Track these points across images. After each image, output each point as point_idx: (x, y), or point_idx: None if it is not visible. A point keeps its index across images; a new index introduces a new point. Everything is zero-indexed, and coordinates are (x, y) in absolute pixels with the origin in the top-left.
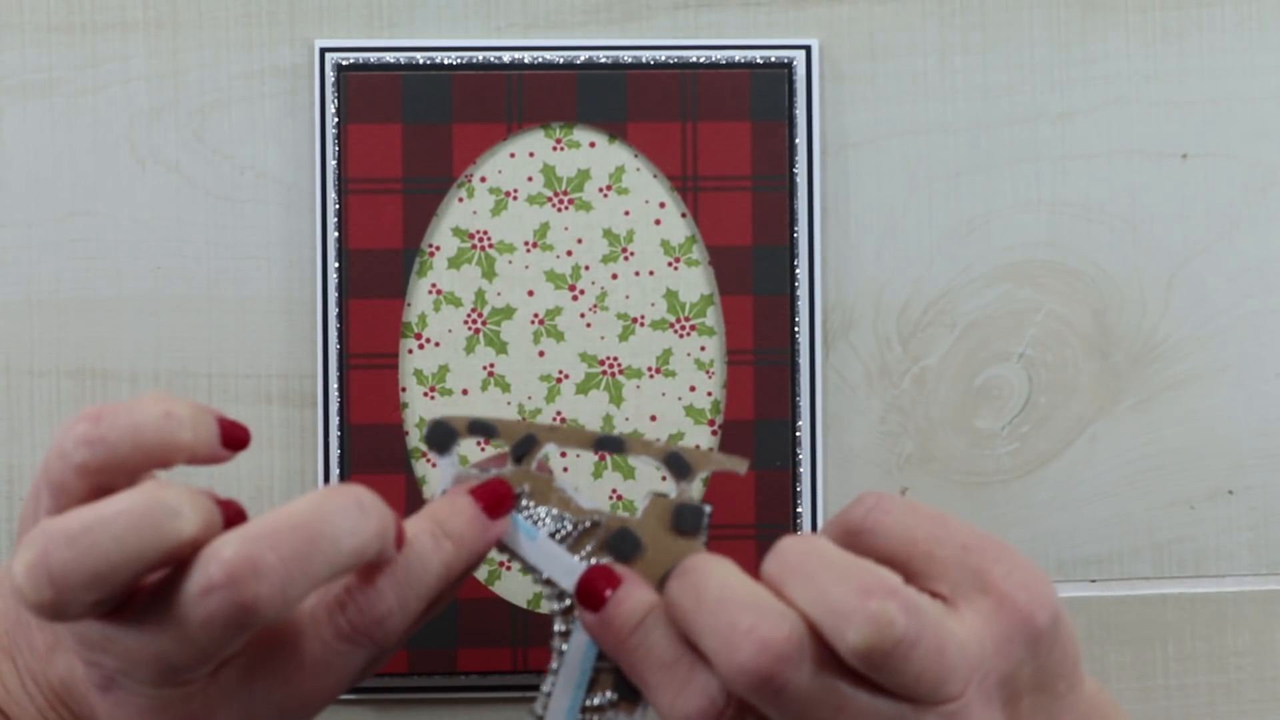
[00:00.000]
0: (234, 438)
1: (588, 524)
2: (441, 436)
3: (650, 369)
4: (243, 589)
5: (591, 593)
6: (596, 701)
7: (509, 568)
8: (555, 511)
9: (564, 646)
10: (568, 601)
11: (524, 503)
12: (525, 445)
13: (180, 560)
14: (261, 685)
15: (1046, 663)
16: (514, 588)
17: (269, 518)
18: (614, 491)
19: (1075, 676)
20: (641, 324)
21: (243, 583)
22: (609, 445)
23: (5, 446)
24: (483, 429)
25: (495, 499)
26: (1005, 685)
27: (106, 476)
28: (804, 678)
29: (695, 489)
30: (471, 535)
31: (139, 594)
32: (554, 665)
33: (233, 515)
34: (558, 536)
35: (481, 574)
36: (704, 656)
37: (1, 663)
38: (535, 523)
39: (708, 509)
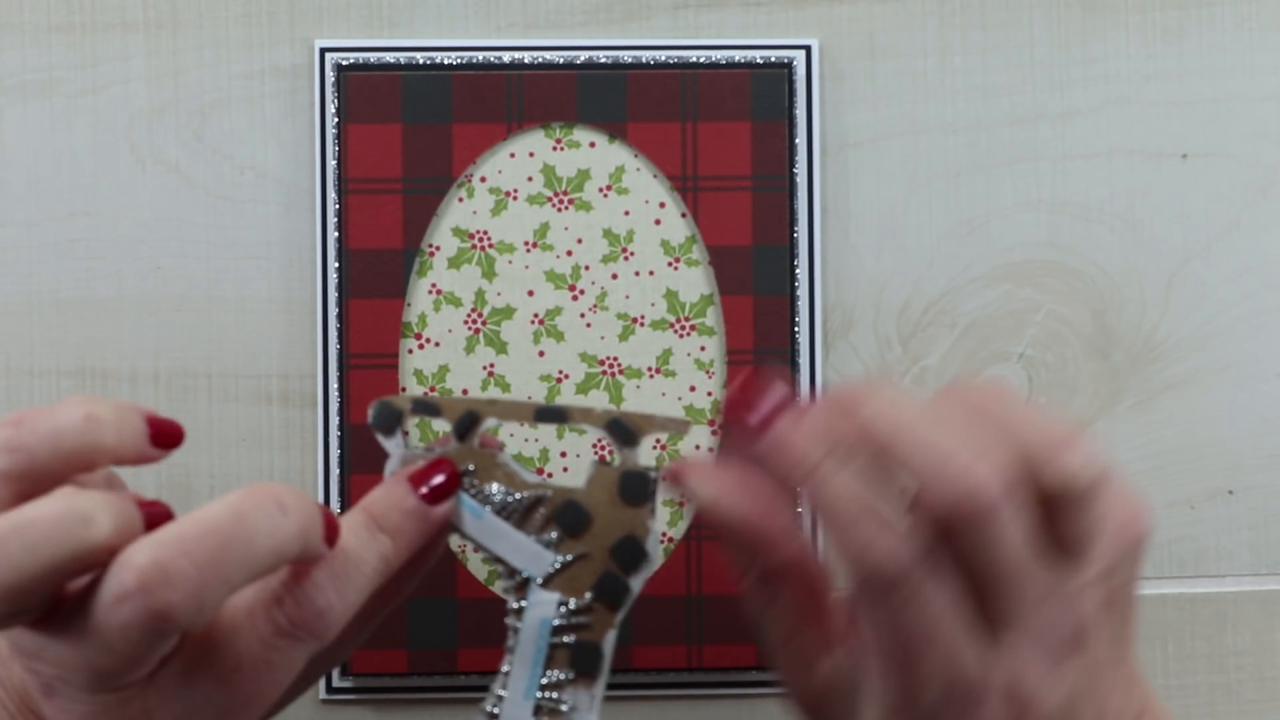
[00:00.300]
0: (164, 436)
1: (533, 498)
2: (386, 418)
3: (650, 369)
4: (155, 596)
5: (751, 409)
6: (554, 678)
7: None
8: (500, 488)
9: (518, 624)
10: (518, 578)
11: (469, 482)
12: (467, 422)
13: (98, 566)
14: (201, 686)
15: (1129, 581)
16: None
17: (184, 522)
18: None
19: (1135, 632)
20: (641, 324)
21: (155, 590)
22: (550, 416)
23: None
24: (426, 408)
25: (438, 482)
26: (1104, 581)
27: (28, 484)
28: (1013, 514)
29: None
30: (409, 526)
31: (65, 602)
32: (510, 644)
33: (157, 517)
34: (504, 513)
35: (482, 574)
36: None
37: None
38: (481, 501)
39: (654, 475)
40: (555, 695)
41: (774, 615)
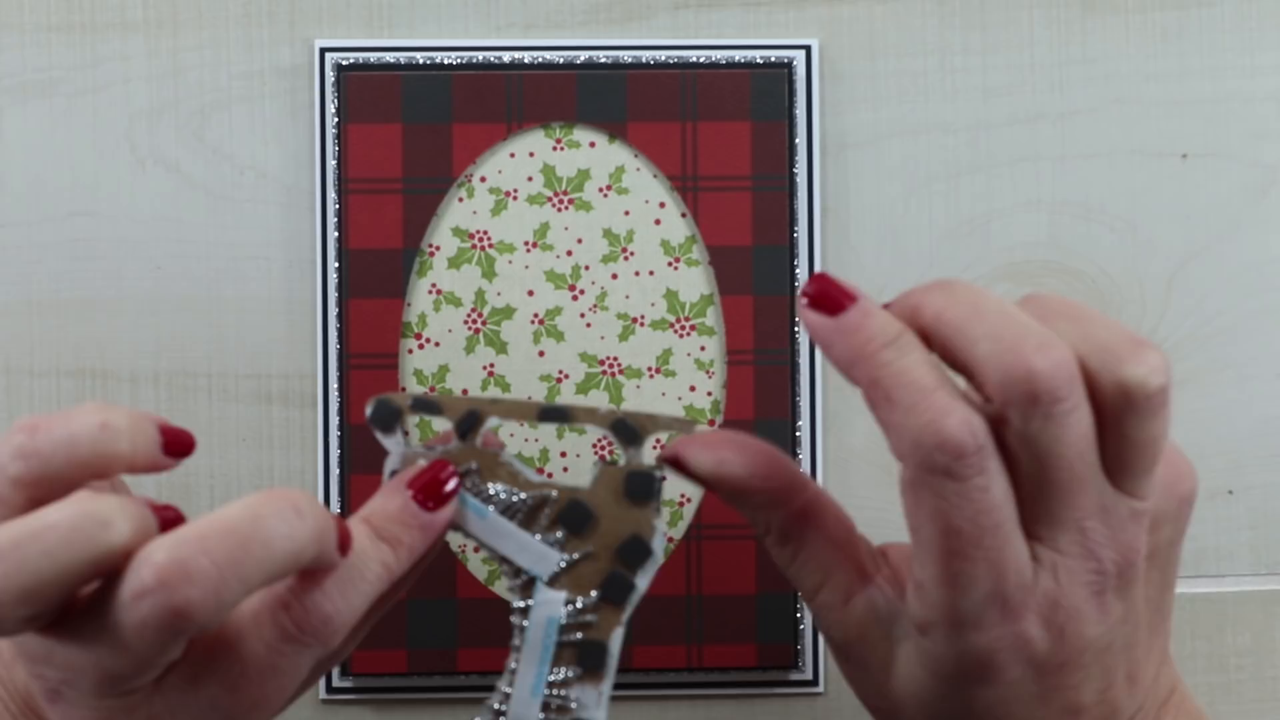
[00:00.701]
0: (177, 445)
1: (539, 498)
2: (385, 415)
3: (650, 369)
4: (174, 593)
5: (827, 296)
6: (561, 676)
7: None
8: (504, 487)
9: (524, 623)
10: (524, 577)
11: (471, 481)
12: (469, 421)
13: (114, 569)
14: (207, 691)
15: (1173, 541)
16: None
17: (202, 522)
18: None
19: (1171, 609)
20: (641, 324)
21: (174, 587)
22: (554, 415)
23: None
24: (426, 406)
25: (435, 487)
26: (1151, 532)
27: (42, 489)
28: (1078, 404)
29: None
30: (410, 536)
31: (76, 605)
32: (515, 642)
33: (170, 521)
34: (509, 513)
35: (482, 574)
36: (968, 374)
37: None
38: (485, 500)
39: (659, 474)
40: (563, 693)
41: (801, 566)
